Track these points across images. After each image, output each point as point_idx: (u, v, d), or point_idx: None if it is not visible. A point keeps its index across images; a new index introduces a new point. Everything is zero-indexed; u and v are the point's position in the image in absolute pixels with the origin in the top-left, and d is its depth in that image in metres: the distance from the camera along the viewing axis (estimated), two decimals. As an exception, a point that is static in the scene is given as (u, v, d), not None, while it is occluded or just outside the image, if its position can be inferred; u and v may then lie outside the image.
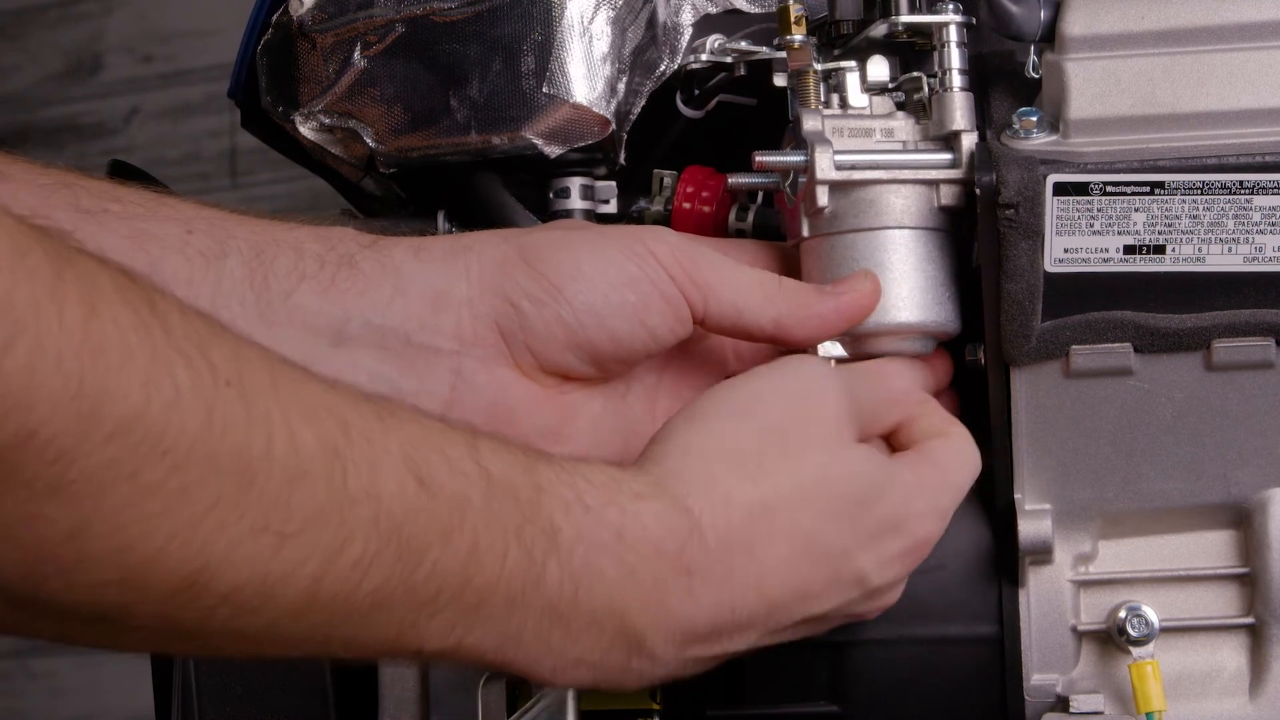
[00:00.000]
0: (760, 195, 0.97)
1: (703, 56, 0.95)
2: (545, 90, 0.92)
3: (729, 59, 0.95)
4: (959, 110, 0.88)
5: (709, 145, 0.98)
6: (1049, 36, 0.87)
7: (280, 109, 0.96)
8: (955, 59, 0.89)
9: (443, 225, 0.96)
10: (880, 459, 0.83)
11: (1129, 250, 0.86)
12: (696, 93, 0.97)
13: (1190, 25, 0.86)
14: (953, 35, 0.89)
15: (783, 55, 0.91)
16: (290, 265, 0.84)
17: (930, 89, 0.89)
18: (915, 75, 0.90)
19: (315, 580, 0.67)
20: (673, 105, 0.97)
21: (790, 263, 0.91)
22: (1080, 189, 0.85)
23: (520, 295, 0.85)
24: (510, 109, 0.92)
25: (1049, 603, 0.90)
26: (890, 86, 0.91)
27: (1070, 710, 0.89)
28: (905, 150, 0.89)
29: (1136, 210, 0.85)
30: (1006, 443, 0.88)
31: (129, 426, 0.61)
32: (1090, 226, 0.85)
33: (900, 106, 0.91)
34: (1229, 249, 0.85)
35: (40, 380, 0.59)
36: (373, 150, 0.94)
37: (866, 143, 0.89)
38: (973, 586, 0.90)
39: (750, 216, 0.96)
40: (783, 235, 0.93)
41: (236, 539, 0.65)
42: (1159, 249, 0.86)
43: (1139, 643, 0.88)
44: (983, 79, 0.91)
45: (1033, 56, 0.91)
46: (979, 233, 0.86)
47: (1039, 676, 0.90)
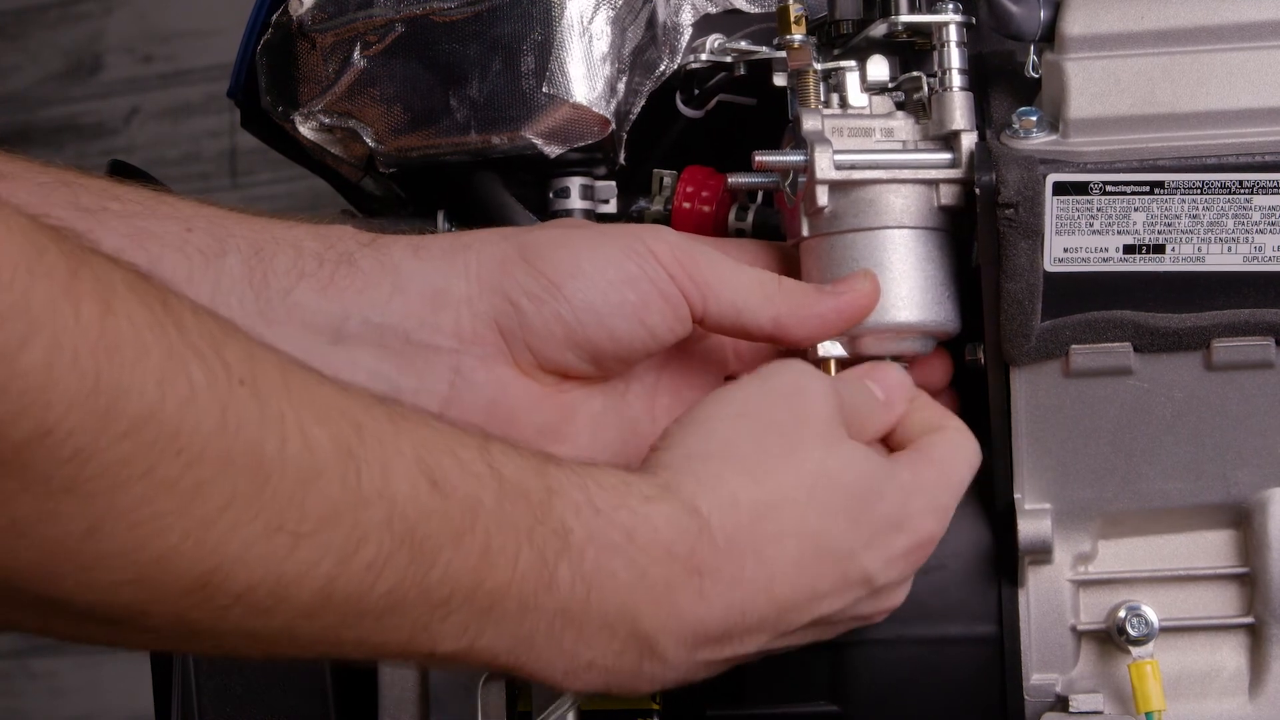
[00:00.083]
0: (760, 195, 0.97)
1: (703, 56, 0.95)
2: (545, 90, 0.92)
3: (729, 59, 0.95)
4: (959, 110, 0.88)
5: (709, 145, 0.98)
6: (1049, 36, 0.87)
7: (280, 109, 0.96)
8: (955, 59, 0.89)
9: (442, 225, 0.95)
10: (877, 458, 0.83)
11: (1129, 250, 0.86)
12: (696, 93, 0.97)
13: (1190, 25, 0.86)
14: (952, 35, 0.89)
15: (783, 55, 0.91)
16: (289, 263, 0.84)
17: (930, 89, 0.89)
18: (915, 75, 0.90)
19: (329, 581, 0.67)
20: (673, 105, 0.97)
21: (790, 263, 0.91)
22: (1080, 188, 0.85)
23: (519, 293, 0.85)
24: (510, 109, 0.92)
25: (1049, 602, 0.90)
26: (890, 86, 0.91)
27: (1070, 710, 0.89)
28: (905, 150, 0.89)
29: (1136, 210, 0.85)
30: (1006, 443, 0.88)
31: (144, 424, 0.61)
32: (1090, 226, 0.85)
33: (900, 106, 0.91)
34: (1229, 248, 0.85)
35: (57, 377, 0.59)
36: (373, 150, 0.94)
37: (866, 142, 0.89)
38: (972, 586, 0.90)
39: (750, 216, 0.96)
40: (783, 235, 0.93)
41: (250, 538, 0.65)
42: (1159, 248, 0.86)
43: (1139, 642, 0.88)
44: (983, 79, 0.91)
45: (1032, 56, 0.91)
46: (979, 232, 0.86)
47: (1039, 676, 0.90)
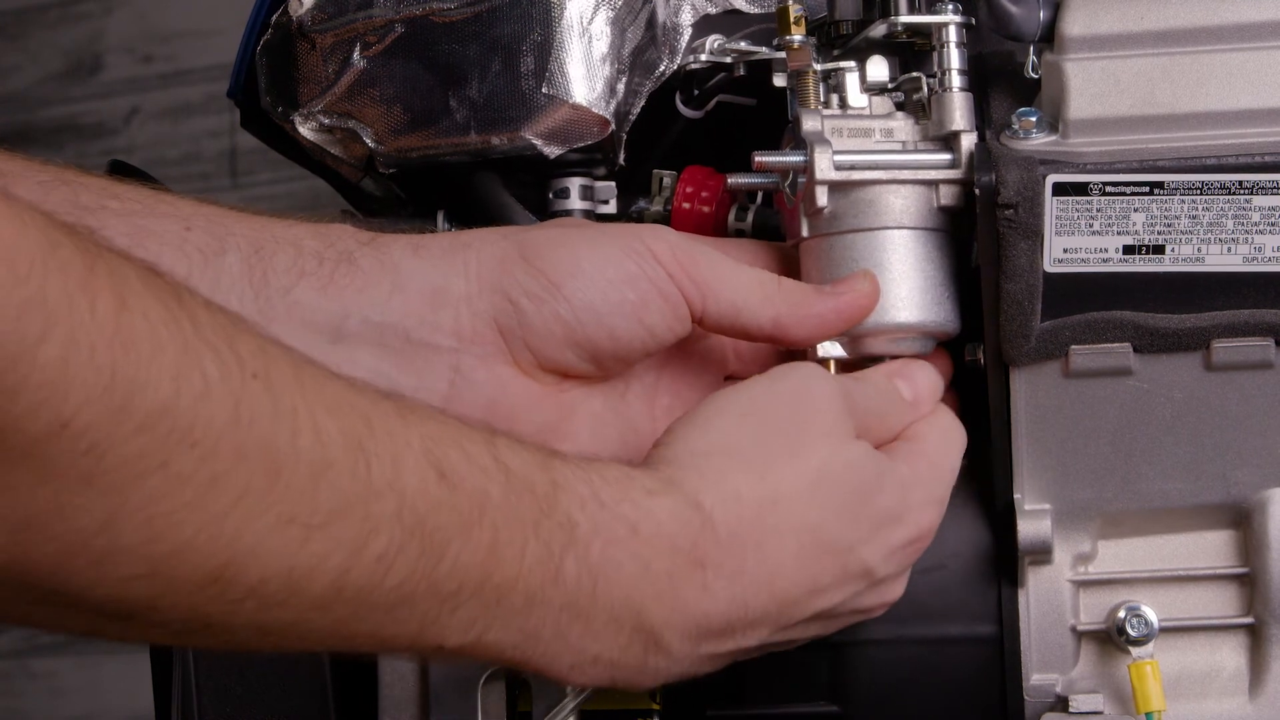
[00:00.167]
0: (760, 195, 0.97)
1: (702, 56, 0.95)
2: (545, 90, 0.92)
3: (729, 59, 0.95)
4: (958, 110, 0.88)
5: (709, 145, 0.98)
6: (1048, 37, 0.87)
7: (280, 109, 0.96)
8: (955, 59, 0.89)
9: (442, 225, 0.95)
10: (877, 455, 0.83)
11: (1128, 250, 0.86)
12: (696, 93, 0.97)
13: (1190, 25, 0.86)
14: (952, 35, 0.89)
15: (782, 55, 0.91)
16: (289, 262, 0.84)
17: (930, 89, 0.89)
18: (915, 75, 0.90)
19: (341, 573, 0.68)
20: (672, 105, 0.97)
21: (790, 263, 0.91)
22: (1080, 189, 0.85)
23: (519, 292, 0.85)
24: (510, 109, 0.92)
25: (1048, 603, 0.90)
26: (890, 86, 0.91)
27: (1070, 710, 0.89)
28: (905, 150, 0.89)
29: (1136, 210, 0.85)
30: (1006, 443, 0.88)
31: (159, 418, 0.61)
32: (1089, 226, 0.85)
33: (900, 106, 0.91)
34: (1228, 249, 0.85)
35: (73, 372, 0.59)
36: (372, 150, 0.94)
37: (866, 143, 0.89)
38: (972, 586, 0.90)
39: (750, 216, 0.96)
40: (782, 235, 0.93)
41: (264, 531, 0.65)
42: (1158, 249, 0.86)
43: (1138, 643, 0.88)
44: (982, 79, 0.91)
45: (1032, 56, 0.91)
46: (978, 233, 0.86)
47: (1038, 676, 0.90)
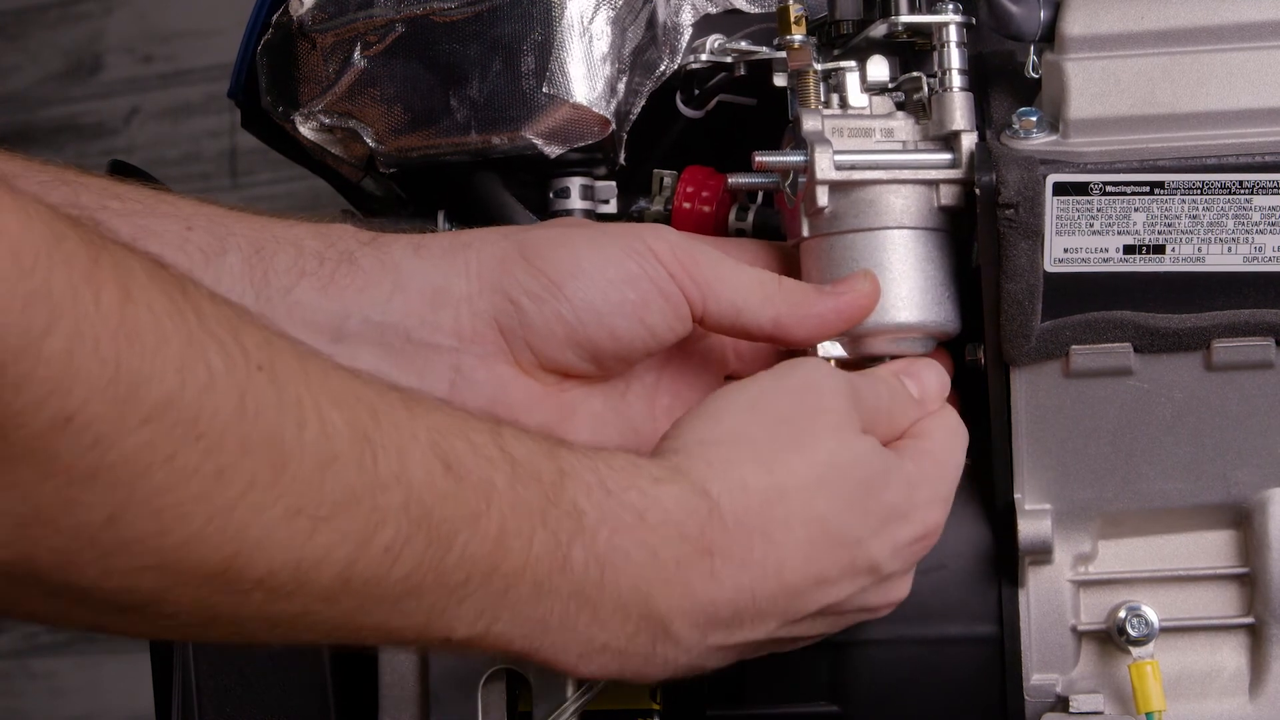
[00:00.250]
0: (760, 195, 0.97)
1: (703, 56, 0.95)
2: (545, 90, 0.92)
3: (729, 59, 0.95)
4: (959, 110, 0.88)
5: (709, 145, 0.98)
6: (1049, 36, 0.87)
7: (280, 109, 0.96)
8: (955, 59, 0.89)
9: (443, 225, 0.96)
10: (885, 451, 0.83)
11: (1129, 250, 0.86)
12: (696, 93, 0.97)
13: (1190, 25, 0.86)
14: (952, 35, 0.89)
15: (783, 55, 0.91)
16: (290, 262, 0.84)
17: (930, 89, 0.89)
18: (915, 75, 0.90)
19: (348, 565, 0.68)
20: (673, 105, 0.97)
21: (790, 263, 0.91)
22: (1080, 189, 0.85)
23: (520, 292, 0.85)
24: (510, 109, 0.92)
25: (1049, 603, 0.90)
26: (890, 86, 0.91)
27: (1070, 710, 0.89)
28: (905, 150, 0.89)
29: (1136, 210, 0.85)
30: (1006, 443, 0.88)
31: (164, 411, 0.61)
32: (1090, 226, 0.85)
33: (900, 106, 0.91)
34: (1229, 249, 0.85)
35: (78, 364, 0.59)
36: (373, 150, 0.94)
37: (866, 143, 0.89)
38: (973, 586, 0.90)
39: (750, 216, 0.96)
40: (783, 235, 0.93)
41: (271, 523, 0.65)
42: (1159, 249, 0.86)
43: (1139, 643, 0.88)
44: (983, 79, 0.91)
45: (1032, 56, 0.91)
46: (979, 233, 0.86)
47: (1039, 676, 0.90)
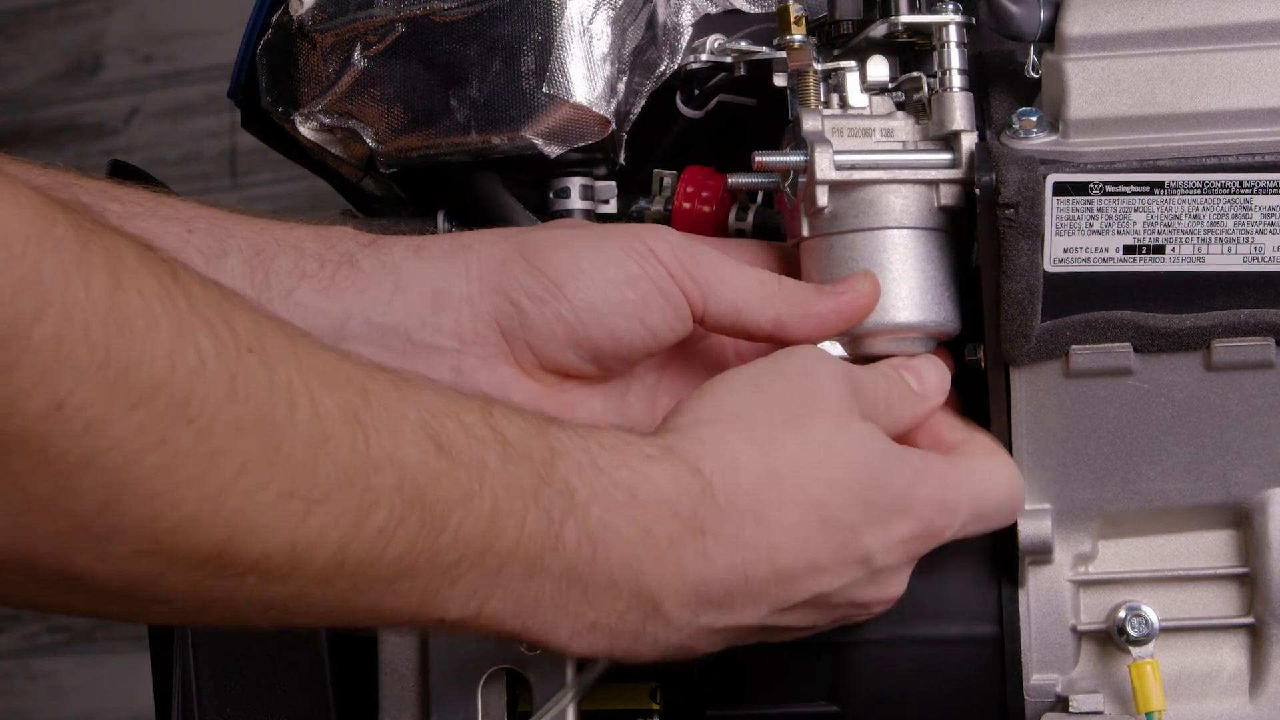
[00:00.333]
0: (760, 195, 0.97)
1: (703, 56, 0.95)
2: (545, 90, 0.92)
3: (729, 59, 0.95)
4: (959, 110, 0.88)
5: (709, 145, 0.98)
6: (1049, 36, 0.87)
7: (280, 109, 0.96)
8: (955, 59, 0.89)
9: (443, 225, 0.96)
10: (887, 440, 0.83)
11: (1129, 250, 0.86)
12: (696, 93, 0.97)
13: (1190, 25, 0.86)
14: (952, 35, 0.89)
15: (783, 55, 0.91)
16: (290, 264, 0.84)
17: (930, 89, 0.89)
18: (915, 75, 0.90)
19: (342, 547, 0.68)
20: (673, 105, 0.97)
21: (790, 263, 0.91)
22: (1080, 189, 0.85)
23: (520, 293, 0.85)
24: (510, 109, 0.92)
25: (1049, 603, 0.90)
26: (890, 86, 0.91)
27: (1070, 710, 0.89)
28: (905, 150, 0.89)
29: (1136, 210, 0.85)
30: (1006, 443, 0.88)
31: (155, 395, 0.61)
32: (1090, 226, 0.85)
33: (900, 106, 0.91)
34: (1229, 249, 0.85)
35: (68, 351, 0.59)
36: (373, 150, 0.94)
37: (866, 143, 0.89)
38: (973, 586, 0.90)
39: (750, 216, 0.96)
40: (783, 235, 0.93)
41: (264, 505, 0.65)
42: (1159, 249, 0.86)
43: (1139, 643, 0.88)
44: (983, 79, 0.91)
45: (1032, 56, 0.91)
46: (979, 233, 0.86)
47: (1039, 676, 0.90)
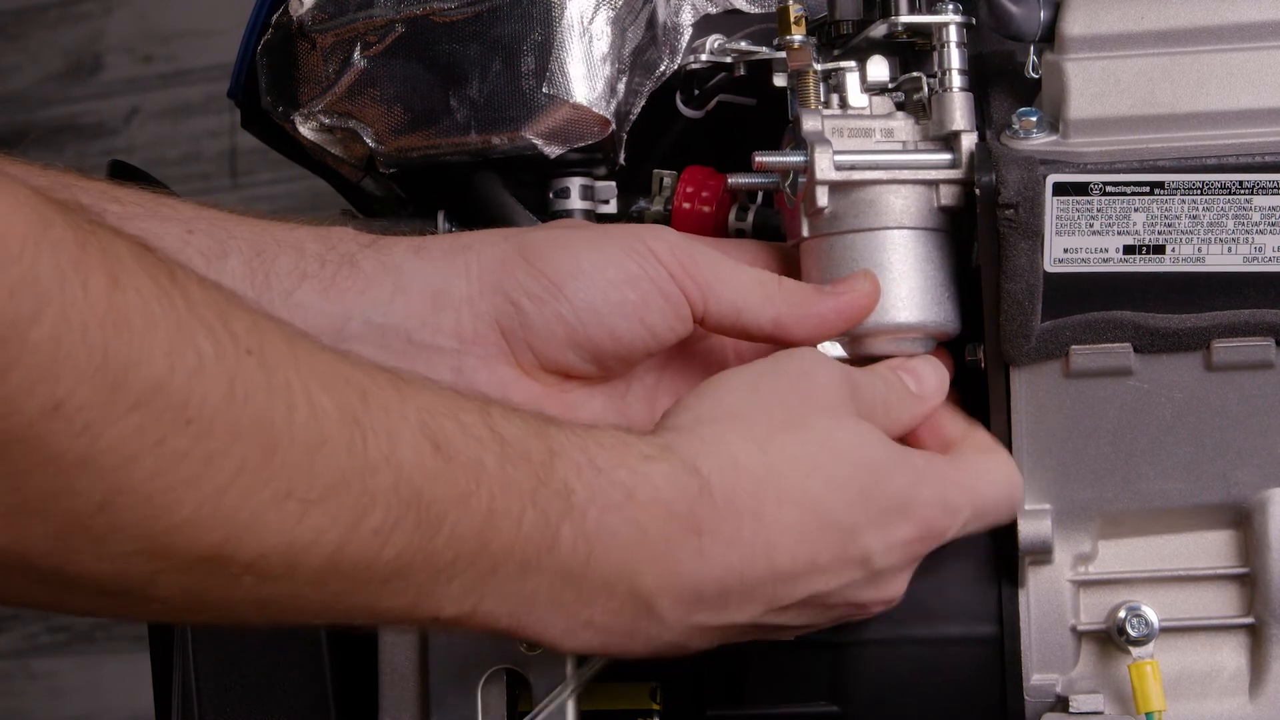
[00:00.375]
0: (760, 195, 0.97)
1: (703, 56, 0.95)
2: (545, 90, 0.92)
3: (729, 59, 0.95)
4: (959, 110, 0.88)
5: (709, 145, 0.98)
6: (1049, 36, 0.88)
7: (280, 109, 0.96)
8: (955, 59, 0.89)
9: (443, 225, 0.96)
10: (889, 441, 0.83)
11: (1129, 250, 0.86)
12: (696, 93, 0.97)
13: (1190, 25, 0.86)
14: (952, 35, 0.89)
15: (783, 55, 0.91)
16: (291, 264, 0.84)
17: (930, 89, 0.89)
18: (915, 75, 0.90)
19: (338, 548, 0.68)
20: (673, 105, 0.97)
21: (790, 263, 0.91)
22: (1080, 189, 0.85)
23: (520, 293, 0.85)
24: (510, 109, 0.92)
25: (1049, 603, 0.90)
26: (890, 86, 0.91)
27: (1070, 710, 0.89)
28: (905, 150, 0.89)
29: (1136, 210, 0.85)
30: (1006, 443, 0.88)
31: (153, 396, 0.61)
32: (1090, 226, 0.85)
33: (900, 106, 0.91)
34: (1229, 249, 0.85)
35: (66, 351, 0.59)
36: (373, 150, 0.94)
37: (866, 143, 0.89)
38: (973, 586, 0.90)
39: (750, 216, 0.96)
40: (783, 235, 0.93)
41: (261, 506, 0.65)
42: (1159, 249, 0.86)
43: (1139, 643, 0.88)
44: (983, 79, 0.91)
45: (1032, 56, 0.91)
46: (979, 233, 0.86)
47: (1039, 676, 0.90)
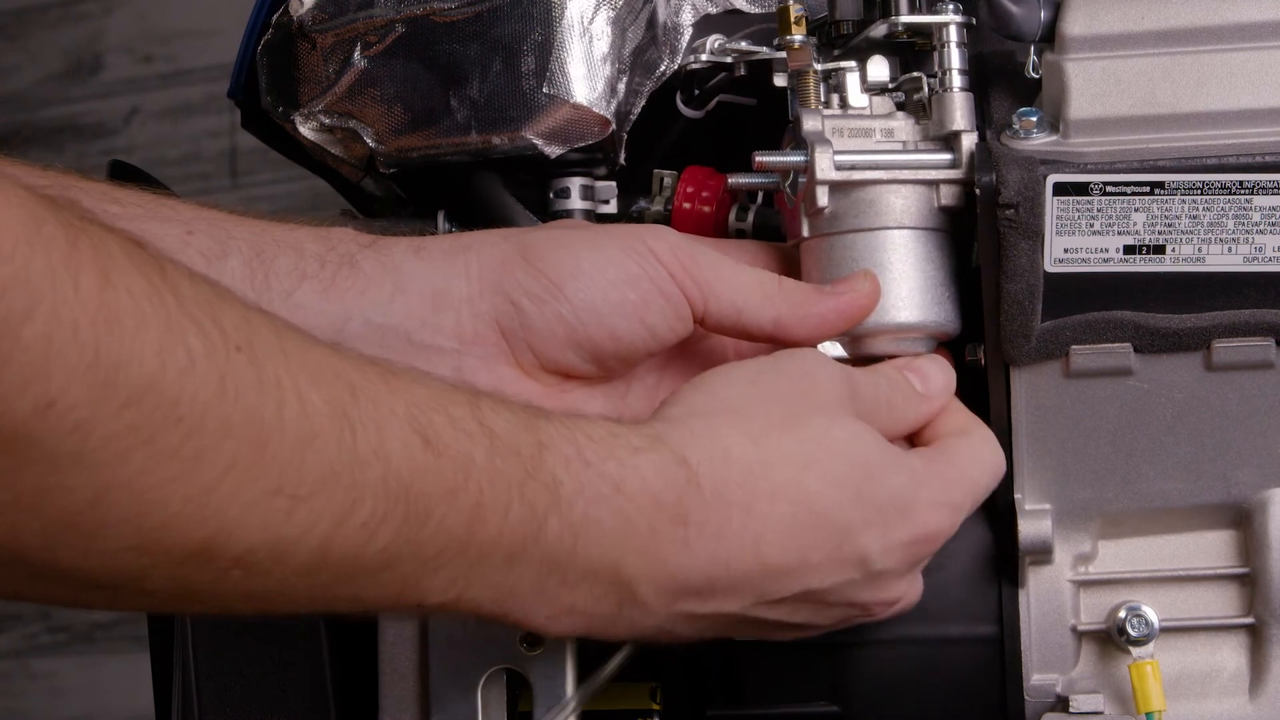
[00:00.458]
0: (760, 195, 0.97)
1: (703, 56, 0.95)
2: (545, 90, 0.92)
3: (729, 59, 0.95)
4: (959, 110, 0.88)
5: (709, 145, 0.98)
6: (1049, 36, 0.88)
7: (280, 109, 0.96)
8: (955, 59, 0.89)
9: (443, 225, 0.96)
10: (886, 442, 0.83)
11: (1129, 250, 0.86)
12: (696, 93, 0.97)
13: (1190, 25, 0.86)
14: (952, 35, 0.89)
15: (783, 55, 0.91)
16: (291, 265, 0.84)
17: (930, 89, 0.89)
18: (915, 75, 0.90)
19: (326, 541, 0.68)
20: (673, 105, 0.97)
21: (790, 263, 0.91)
22: (1080, 189, 0.85)
23: (520, 293, 0.85)
24: (510, 109, 0.92)
25: (1049, 603, 0.90)
26: (890, 86, 0.91)
27: (1070, 710, 0.89)
28: (905, 150, 0.89)
29: (1136, 210, 0.85)
30: (1006, 443, 0.88)
31: (144, 394, 0.62)
32: (1090, 226, 0.85)
33: (900, 106, 0.91)
34: (1229, 249, 0.85)
35: (57, 350, 0.60)
36: (373, 150, 0.94)
37: (866, 143, 0.89)
38: (973, 586, 0.90)
39: (750, 216, 0.96)
40: (783, 235, 0.93)
41: (250, 502, 0.66)
42: (1159, 249, 0.86)
43: (1139, 643, 0.88)
44: (983, 79, 0.91)
45: (1033, 56, 0.91)
46: (979, 233, 0.86)
47: (1039, 676, 0.90)
